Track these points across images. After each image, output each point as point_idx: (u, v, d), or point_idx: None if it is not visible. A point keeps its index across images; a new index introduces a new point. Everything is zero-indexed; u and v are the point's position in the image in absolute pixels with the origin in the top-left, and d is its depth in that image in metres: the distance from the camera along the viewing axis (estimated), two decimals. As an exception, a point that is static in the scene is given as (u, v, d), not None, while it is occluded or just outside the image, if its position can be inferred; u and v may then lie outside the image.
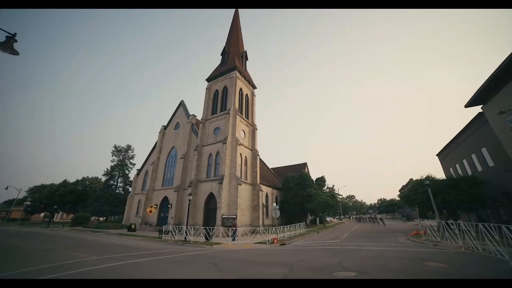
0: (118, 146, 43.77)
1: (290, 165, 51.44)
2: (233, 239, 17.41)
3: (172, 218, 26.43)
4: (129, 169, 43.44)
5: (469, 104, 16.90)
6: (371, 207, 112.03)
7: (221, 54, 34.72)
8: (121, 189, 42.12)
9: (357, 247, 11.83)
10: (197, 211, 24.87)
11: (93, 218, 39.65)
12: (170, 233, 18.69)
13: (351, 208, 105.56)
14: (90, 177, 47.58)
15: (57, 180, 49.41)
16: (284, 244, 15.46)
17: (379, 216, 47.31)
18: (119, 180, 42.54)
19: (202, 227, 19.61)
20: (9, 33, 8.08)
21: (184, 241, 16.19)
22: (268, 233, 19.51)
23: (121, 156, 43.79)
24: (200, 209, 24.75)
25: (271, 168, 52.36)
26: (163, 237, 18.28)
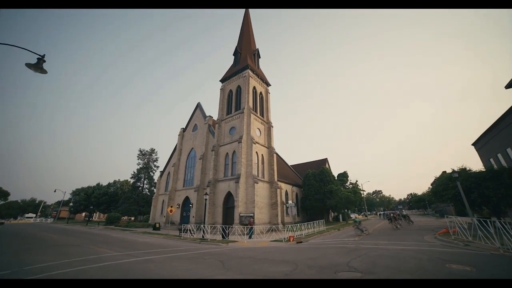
0: (143, 150, 46.50)
1: (311, 162, 50.26)
2: (250, 237, 17.47)
3: (193, 217, 27.41)
4: (154, 171, 45.95)
5: (510, 85, 14.88)
6: (401, 202, 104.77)
7: (233, 54, 34.97)
8: (147, 190, 44.77)
9: (374, 245, 11.10)
10: (216, 209, 25.44)
11: (125, 217, 42.63)
12: (189, 231, 19.38)
13: (378, 204, 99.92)
14: (120, 180, 51.38)
15: (94, 183, 54.42)
16: (300, 242, 15.13)
17: (404, 212, 43.89)
18: (145, 182, 45.23)
19: (219, 226, 20.01)
20: (39, 55, 9.19)
21: (201, 239, 16.63)
22: (286, 231, 19.26)
23: (146, 159, 46.48)
24: (219, 208, 25.27)
25: (291, 166, 51.73)
26: (182, 235, 18.98)
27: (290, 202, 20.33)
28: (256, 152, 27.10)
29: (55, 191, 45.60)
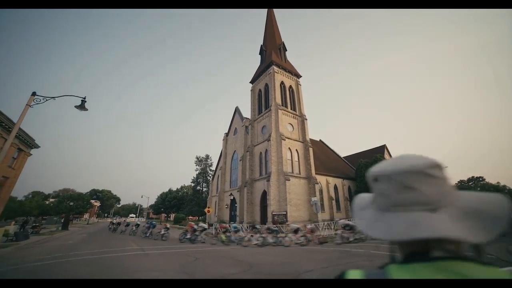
0: (199, 157, 52.21)
1: (365, 151, 44.53)
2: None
3: (237, 216, 28.93)
4: (209, 175, 50.81)
5: None
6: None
7: (259, 53, 34.98)
8: (206, 193, 49.91)
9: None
10: (254, 208, 26.05)
11: (191, 217, 48.93)
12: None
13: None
14: (186, 185, 59.37)
15: (174, 187, 65.10)
16: (325, 243, 13.87)
17: None
18: (203, 185, 50.60)
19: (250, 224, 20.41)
20: (82, 98, 12.36)
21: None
22: (321, 229, 17.98)
23: (202, 165, 51.95)
24: (257, 207, 25.77)
25: (344, 157, 47.30)
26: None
27: (314, 198, 18.76)
28: (289, 148, 26.28)
29: (142, 196, 56.88)
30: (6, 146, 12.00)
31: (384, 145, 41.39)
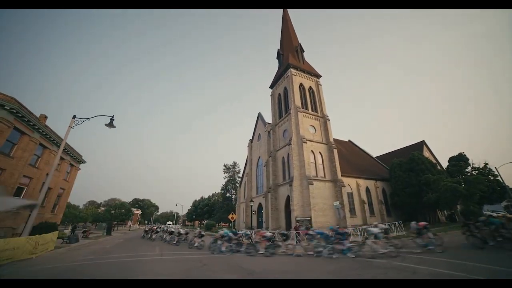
0: (227, 165, 53.69)
1: (401, 148, 40.71)
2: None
3: (264, 222, 28.76)
4: (237, 182, 51.73)
5: None
6: None
7: (277, 58, 35.11)
8: (235, 199, 50.80)
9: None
10: (279, 214, 25.61)
11: (222, 224, 50.12)
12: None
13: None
14: (217, 192, 61.31)
15: (205, 195, 67.87)
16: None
17: None
18: (232, 192, 51.64)
19: (274, 230, 20.04)
20: (110, 116, 14.25)
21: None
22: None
23: (230, 172, 53.24)
24: (282, 213, 25.30)
25: (377, 157, 43.93)
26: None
27: (336, 203, 17.56)
28: (312, 150, 25.51)
29: (176, 205, 60.50)
30: (56, 161, 14.06)
31: (423, 141, 37.33)
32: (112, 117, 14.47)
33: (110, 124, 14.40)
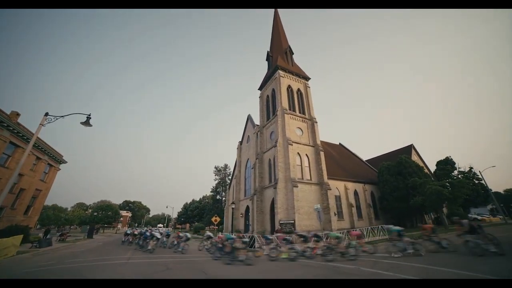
0: (218, 167, 53.07)
1: (390, 152, 40.84)
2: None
3: (250, 225, 28.22)
4: (228, 185, 51.13)
5: None
6: None
7: (266, 60, 34.98)
8: (225, 202, 50.14)
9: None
10: (264, 217, 25.15)
11: (210, 227, 49.29)
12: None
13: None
14: (207, 195, 60.44)
15: (197, 198, 66.90)
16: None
17: None
18: (223, 194, 50.93)
19: (256, 234, 19.59)
20: (87, 115, 13.58)
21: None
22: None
23: (221, 175, 52.60)
24: (267, 215, 24.84)
25: (367, 160, 43.97)
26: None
27: (317, 205, 17.23)
28: (298, 153, 25.25)
29: (167, 207, 59.51)
30: (23, 159, 13.34)
31: (411, 145, 37.56)
32: (89, 115, 13.74)
33: (86, 123, 13.74)
